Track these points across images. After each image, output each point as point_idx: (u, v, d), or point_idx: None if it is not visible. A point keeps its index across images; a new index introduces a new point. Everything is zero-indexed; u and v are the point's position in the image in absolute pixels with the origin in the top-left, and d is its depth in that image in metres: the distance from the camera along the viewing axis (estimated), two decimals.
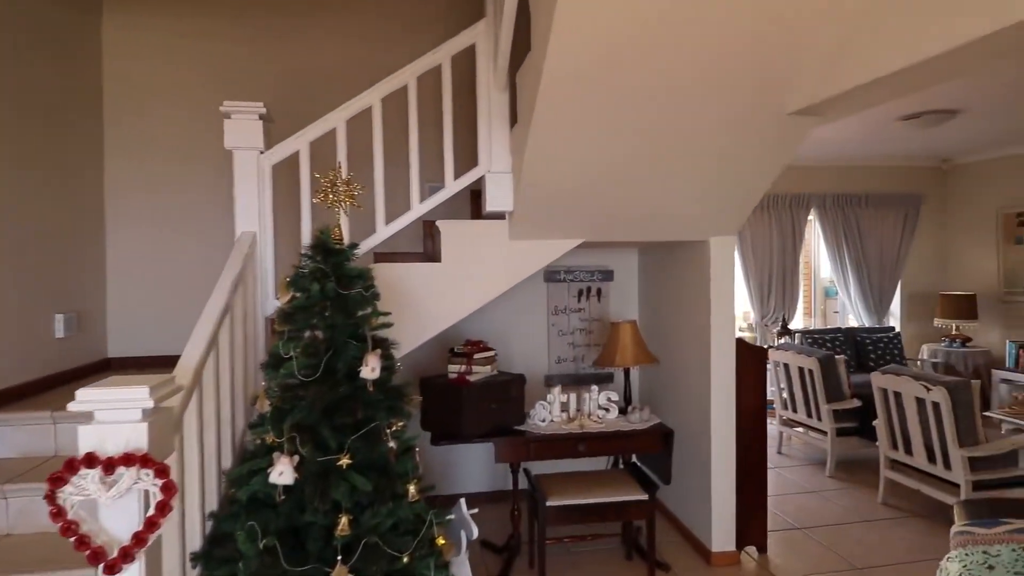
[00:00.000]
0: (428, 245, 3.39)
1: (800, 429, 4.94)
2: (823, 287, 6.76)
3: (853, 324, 6.41)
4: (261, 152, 2.58)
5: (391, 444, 1.89)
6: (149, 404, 1.37)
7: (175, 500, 1.40)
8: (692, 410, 3.40)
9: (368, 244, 2.72)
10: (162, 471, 1.36)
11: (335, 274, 1.95)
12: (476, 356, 3.12)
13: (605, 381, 4.10)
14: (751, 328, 6.29)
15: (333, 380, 1.87)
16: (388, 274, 2.72)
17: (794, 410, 4.93)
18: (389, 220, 2.77)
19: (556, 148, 2.46)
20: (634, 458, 3.54)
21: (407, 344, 2.70)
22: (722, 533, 3.21)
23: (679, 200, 2.87)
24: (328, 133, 2.69)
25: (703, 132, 2.47)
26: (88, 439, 1.35)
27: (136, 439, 1.36)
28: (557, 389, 3.25)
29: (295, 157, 2.66)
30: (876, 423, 4.03)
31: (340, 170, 2.18)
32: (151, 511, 1.36)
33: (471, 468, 4.09)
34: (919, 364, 6.20)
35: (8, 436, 2.41)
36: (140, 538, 1.34)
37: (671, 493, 3.72)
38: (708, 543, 3.24)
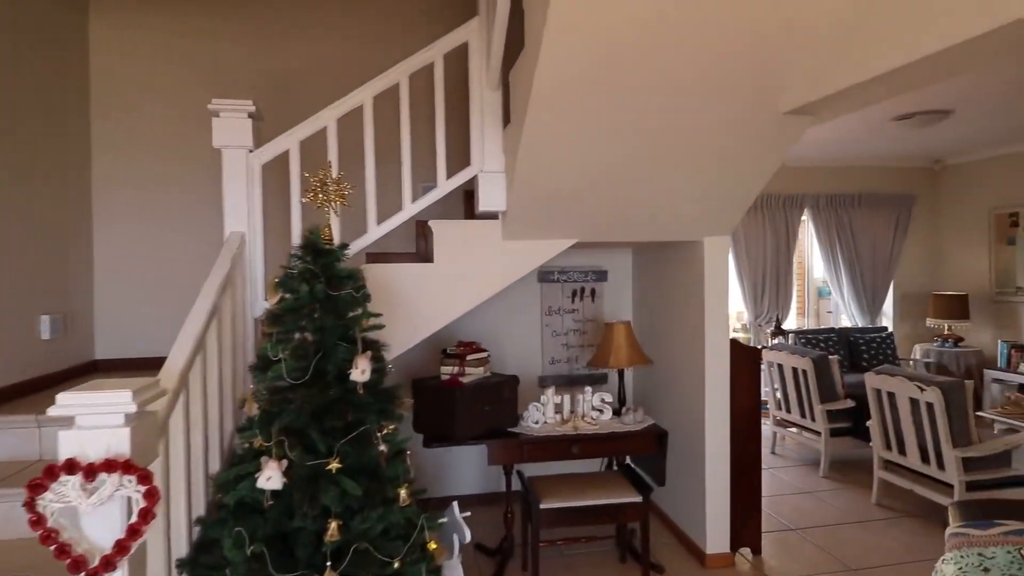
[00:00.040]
0: (421, 245, 3.36)
1: (794, 429, 4.94)
2: (816, 287, 6.78)
3: (846, 324, 6.43)
4: (250, 151, 2.54)
5: (382, 447, 1.86)
6: (132, 408, 1.34)
7: (159, 507, 1.37)
8: (686, 411, 3.38)
9: (359, 244, 2.69)
10: (145, 477, 1.32)
11: (325, 275, 1.91)
12: (469, 357, 3.09)
13: (599, 382, 4.08)
14: (745, 328, 6.29)
15: (323, 383, 1.84)
16: (380, 275, 2.69)
17: (788, 410, 4.93)
18: (381, 220, 2.73)
19: (549, 148, 2.44)
20: (628, 460, 3.52)
21: (399, 345, 2.67)
22: (716, 535, 3.20)
23: (673, 200, 2.86)
24: (319, 132, 2.65)
25: (699, 132, 2.46)
26: (69, 445, 1.32)
27: (118, 444, 1.32)
28: (551, 390, 3.23)
29: (285, 156, 2.62)
30: (870, 423, 4.03)
31: (330, 169, 2.14)
32: (134, 518, 1.33)
33: (464, 470, 4.06)
34: (912, 364, 6.21)
35: None
36: (122, 546, 1.31)
37: (665, 495, 3.71)
38: (702, 545, 3.23)
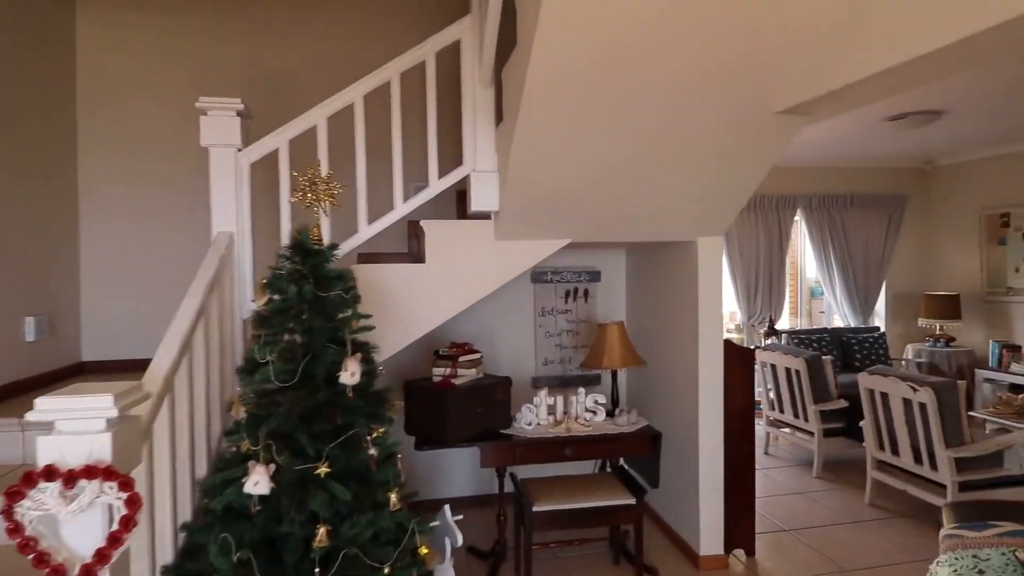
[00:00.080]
0: (413, 245, 3.33)
1: (787, 430, 4.94)
2: (809, 287, 6.79)
3: (839, 324, 6.44)
4: (239, 150, 2.50)
5: (371, 451, 1.83)
6: (113, 413, 1.30)
7: (141, 514, 1.33)
8: (680, 412, 3.37)
9: (350, 244, 2.65)
10: (126, 484, 1.29)
11: (313, 276, 1.88)
12: (462, 359, 3.06)
13: (592, 383, 4.06)
14: (738, 329, 6.29)
15: (311, 385, 1.81)
16: (371, 275, 2.65)
17: (781, 411, 4.93)
18: (372, 220, 2.70)
19: (542, 146, 2.41)
20: (621, 461, 3.50)
21: (391, 347, 2.65)
22: (710, 536, 3.19)
23: (668, 200, 2.84)
24: (309, 131, 2.61)
25: (693, 132, 2.44)
26: (48, 450, 1.28)
27: (99, 450, 1.29)
28: (544, 392, 3.21)
29: (274, 155, 2.59)
30: (863, 424, 4.03)
31: (319, 168, 2.11)
32: (115, 526, 1.29)
33: (456, 472, 4.03)
34: (904, 364, 6.23)
35: None
36: (103, 555, 1.27)
37: (659, 496, 3.69)
38: (696, 547, 3.21)
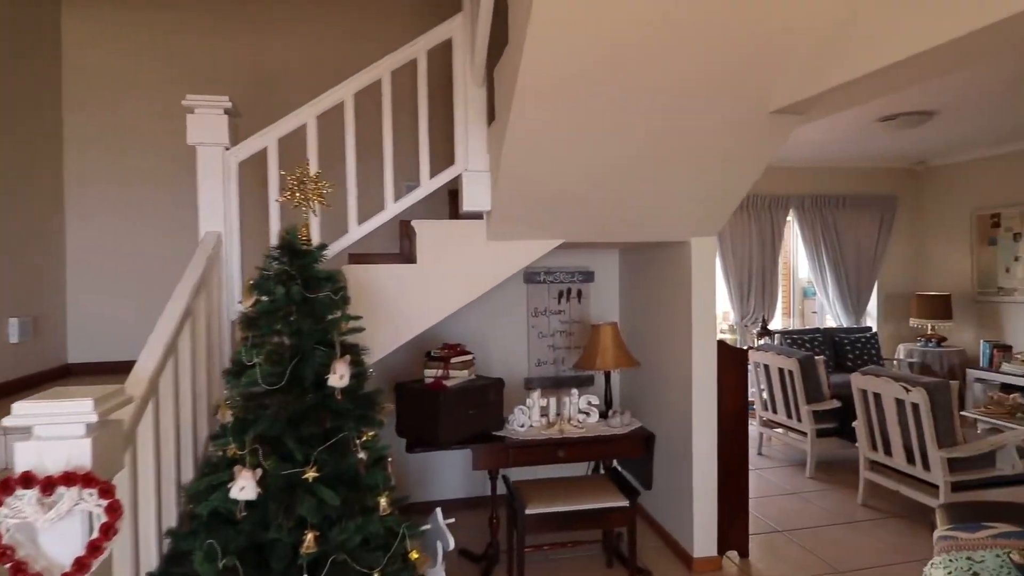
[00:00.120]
0: (404, 246, 3.30)
1: (780, 430, 4.94)
2: (801, 287, 6.80)
3: (831, 324, 6.45)
4: (227, 148, 2.47)
5: (361, 455, 1.80)
6: (93, 418, 1.27)
7: (123, 521, 1.30)
8: (673, 413, 3.35)
9: (340, 245, 2.62)
10: (107, 491, 1.25)
11: (302, 276, 1.85)
12: (453, 360, 3.04)
13: (585, 384, 4.04)
14: (731, 329, 6.29)
15: (299, 388, 1.78)
16: (362, 276, 2.62)
17: (774, 411, 4.92)
18: (363, 220, 2.67)
19: (535, 146, 2.39)
20: (615, 463, 3.48)
21: (382, 348, 2.61)
22: (703, 538, 3.17)
23: (661, 200, 2.82)
24: (298, 129, 2.58)
25: (687, 132, 2.42)
26: (26, 456, 1.25)
27: (78, 456, 1.25)
28: (536, 393, 3.19)
29: (263, 154, 2.55)
30: (856, 424, 4.03)
31: (307, 167, 2.08)
32: (95, 534, 1.26)
33: (448, 475, 4.00)
34: (896, 364, 6.25)
35: None
36: (82, 563, 1.24)
37: (652, 498, 3.67)
38: (690, 548, 3.20)
